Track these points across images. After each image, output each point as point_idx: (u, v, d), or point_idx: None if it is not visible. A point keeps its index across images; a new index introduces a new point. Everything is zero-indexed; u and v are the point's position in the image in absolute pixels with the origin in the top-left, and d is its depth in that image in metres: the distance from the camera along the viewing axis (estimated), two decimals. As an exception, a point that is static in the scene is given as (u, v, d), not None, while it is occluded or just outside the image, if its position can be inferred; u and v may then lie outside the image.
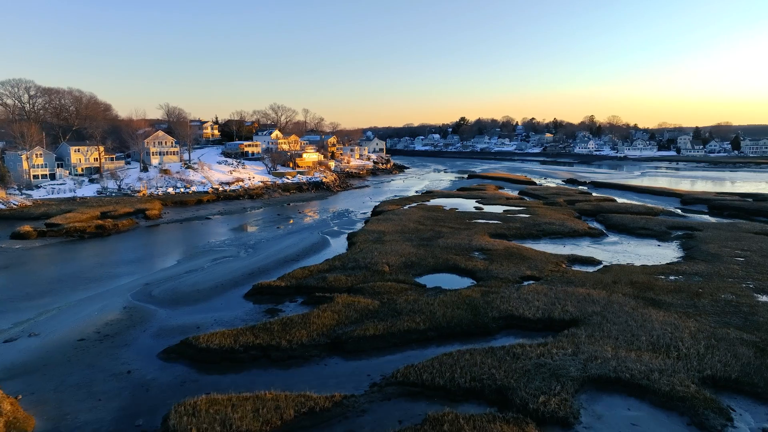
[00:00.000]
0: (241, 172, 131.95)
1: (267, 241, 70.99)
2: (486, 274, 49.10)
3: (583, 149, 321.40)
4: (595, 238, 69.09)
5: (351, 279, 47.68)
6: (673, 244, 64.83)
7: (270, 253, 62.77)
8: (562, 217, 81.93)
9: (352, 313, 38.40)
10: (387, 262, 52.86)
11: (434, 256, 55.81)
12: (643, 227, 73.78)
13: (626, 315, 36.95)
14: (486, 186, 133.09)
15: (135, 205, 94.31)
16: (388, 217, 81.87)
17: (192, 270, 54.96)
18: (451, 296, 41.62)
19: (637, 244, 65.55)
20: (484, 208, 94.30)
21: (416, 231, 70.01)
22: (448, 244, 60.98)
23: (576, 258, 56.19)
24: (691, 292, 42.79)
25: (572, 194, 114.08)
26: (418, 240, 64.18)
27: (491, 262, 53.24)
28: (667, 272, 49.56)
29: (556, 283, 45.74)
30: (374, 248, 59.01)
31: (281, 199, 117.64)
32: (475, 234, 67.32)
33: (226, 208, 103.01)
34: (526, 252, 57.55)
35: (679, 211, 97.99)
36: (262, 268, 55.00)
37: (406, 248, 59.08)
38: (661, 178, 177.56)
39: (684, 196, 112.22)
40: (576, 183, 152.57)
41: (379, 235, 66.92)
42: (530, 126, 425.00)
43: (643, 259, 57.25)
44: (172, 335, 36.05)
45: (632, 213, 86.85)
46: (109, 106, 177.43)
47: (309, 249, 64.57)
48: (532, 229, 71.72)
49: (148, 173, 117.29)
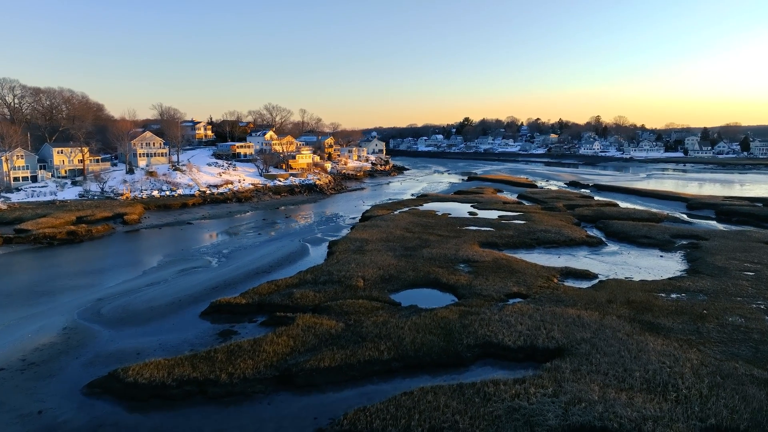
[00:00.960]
0: (231, 174, 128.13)
1: (244, 249, 66.96)
2: (468, 290, 44.76)
3: (589, 150, 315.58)
4: (593, 248, 64.54)
5: (320, 295, 43.53)
6: (676, 255, 60.19)
7: (243, 263, 58.70)
8: (560, 223, 77.36)
9: (311, 339, 34.22)
10: (363, 276, 48.67)
11: (415, 268, 51.52)
12: (645, 235, 69.13)
13: (619, 343, 32.52)
14: (484, 189, 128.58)
15: (115, 209, 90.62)
16: (376, 223, 77.65)
17: (154, 283, 50.98)
18: (425, 318, 37.34)
19: (637, 255, 60.96)
20: (478, 213, 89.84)
21: (402, 239, 65.75)
22: (433, 255, 56.69)
23: (570, 271, 51.71)
24: (694, 314, 38.28)
25: (573, 198, 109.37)
26: (401, 249, 59.93)
27: (476, 276, 48.88)
28: (669, 289, 45.02)
29: (544, 302, 41.35)
30: (353, 259, 54.83)
31: (271, 203, 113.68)
32: (463, 243, 62.96)
33: (211, 212, 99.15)
34: (516, 264, 53.13)
35: (685, 216, 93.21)
36: (229, 281, 50.92)
37: (387, 259, 54.85)
38: (668, 181, 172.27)
39: (690, 200, 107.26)
40: (578, 186, 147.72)
41: (361, 244, 62.73)
42: (535, 126, 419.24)
43: (644, 272, 52.70)
44: (106, 364, 31.99)
45: (634, 219, 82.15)
46: (102, 106, 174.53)
47: (285, 259, 60.44)
48: (526, 238, 67.25)
49: (134, 175, 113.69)
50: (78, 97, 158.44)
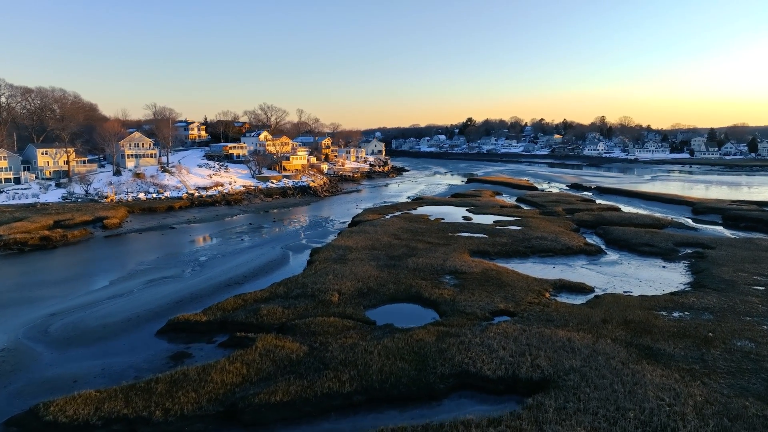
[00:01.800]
0: (223, 176, 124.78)
1: (223, 256, 63.50)
2: (451, 306, 41.06)
3: (593, 151, 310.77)
4: (591, 257, 60.66)
5: (288, 312, 39.97)
6: (680, 266, 56.23)
7: (216, 273, 55.22)
8: (557, 230, 73.48)
9: (268, 366, 30.63)
10: (339, 289, 45.08)
11: (397, 280, 47.86)
12: (648, 243, 65.17)
13: (613, 374, 28.76)
14: (482, 192, 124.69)
15: (96, 213, 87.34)
16: (364, 228, 74.01)
17: (117, 295, 47.54)
18: (398, 340, 33.69)
19: (638, 265, 57.05)
20: (473, 218, 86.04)
21: (388, 247, 62.10)
22: (419, 265, 52.99)
23: (564, 284, 47.86)
24: (698, 337, 34.42)
25: (573, 202, 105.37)
26: (386, 259, 56.27)
27: (462, 290, 45.16)
28: (671, 306, 41.16)
29: (532, 321, 37.60)
30: (332, 270, 51.25)
31: (261, 206, 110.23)
32: (453, 252, 59.25)
33: (198, 216, 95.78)
34: (507, 276, 49.36)
35: (690, 221, 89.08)
36: (196, 294, 47.42)
37: (368, 270, 51.20)
38: (673, 183, 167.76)
39: (696, 204, 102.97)
40: (580, 188, 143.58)
41: (344, 252, 59.14)
42: (539, 127, 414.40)
43: (644, 285, 48.82)
44: (35, 395, 28.52)
45: (636, 225, 78.16)
46: (95, 106, 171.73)
47: (262, 268, 56.90)
48: (520, 246, 63.44)
49: (121, 177, 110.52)
50: (70, 96, 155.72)
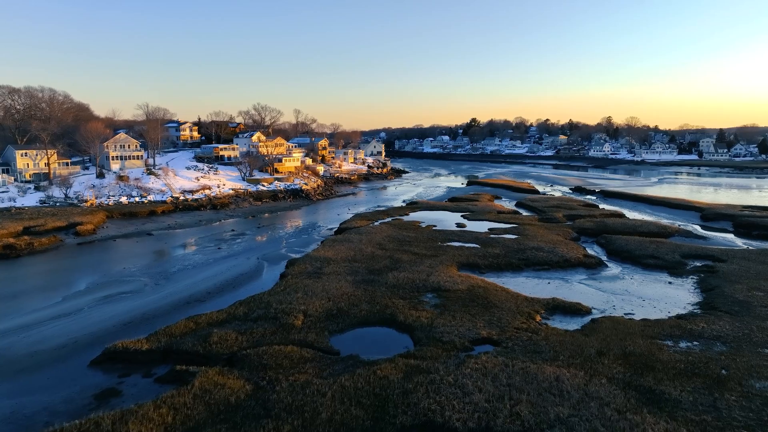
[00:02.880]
0: (211, 178, 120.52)
1: (193, 268, 59.06)
2: (428, 333, 36.31)
3: (598, 152, 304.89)
4: (590, 271, 55.70)
5: (243, 338, 35.37)
6: (688, 282, 51.16)
7: (179, 288, 50.72)
8: (555, 239, 68.52)
9: (200, 411, 26.01)
10: (305, 310, 40.45)
11: (372, 299, 43.16)
12: (653, 255, 60.13)
13: (607, 427, 23.93)
14: (481, 196, 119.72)
15: (72, 218, 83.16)
16: (348, 237, 69.34)
17: (62, 315, 43.09)
18: (359, 377, 28.99)
19: (642, 280, 52.03)
20: (467, 225, 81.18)
21: (370, 258, 57.41)
22: (399, 281, 48.27)
23: (558, 305, 42.95)
24: (710, 376, 29.50)
25: (575, 207, 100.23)
26: (365, 273, 51.57)
27: (442, 311, 40.39)
28: (677, 334, 36.21)
29: (517, 353, 32.79)
30: (303, 286, 46.64)
31: (249, 210, 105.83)
32: (439, 264, 54.47)
33: (180, 221, 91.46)
34: (495, 295, 44.52)
35: (699, 228, 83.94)
36: (150, 314, 42.92)
37: (343, 287, 46.52)
38: (681, 186, 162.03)
39: (705, 210, 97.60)
40: (584, 192, 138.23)
41: (321, 264, 54.51)
42: (544, 128, 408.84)
43: (647, 306, 43.85)
44: None
45: (641, 234, 73.06)
46: (86, 106, 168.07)
47: (230, 283, 52.35)
48: (514, 258, 58.55)
49: (104, 180, 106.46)
50: (60, 96, 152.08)
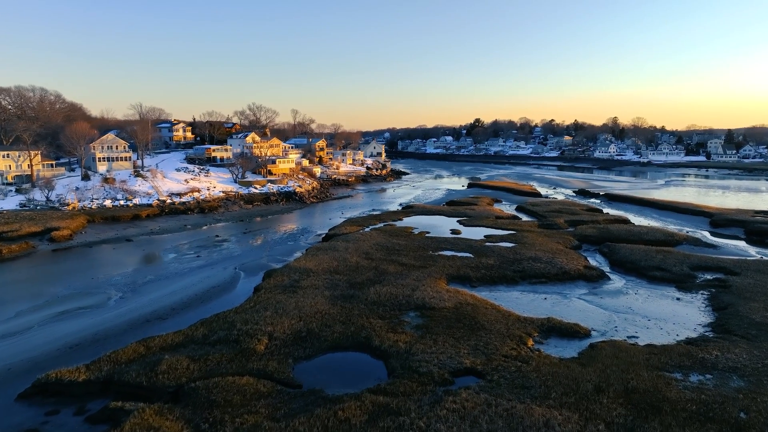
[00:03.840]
0: (202, 181, 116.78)
1: (165, 278, 55.22)
2: (404, 361, 32.19)
3: (604, 153, 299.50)
4: (591, 284, 51.38)
5: (195, 366, 31.37)
6: (698, 299, 46.77)
7: (144, 302, 46.86)
8: (555, 247, 64.21)
9: (120, 466, 22.04)
10: (272, 332, 36.44)
11: (348, 319, 39.08)
12: (659, 267, 55.73)
13: (603, 495, 19.74)
14: (480, 199, 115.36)
15: (49, 223, 79.55)
16: (335, 245, 65.29)
17: (7, 335, 39.22)
18: (317, 420, 24.95)
19: (647, 296, 47.69)
20: (462, 231, 76.93)
21: (354, 270, 53.34)
22: (381, 296, 44.17)
23: (553, 326, 38.70)
24: (727, 421, 25.19)
25: (578, 212, 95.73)
26: (345, 286, 47.50)
27: (424, 334, 36.25)
28: (687, 363, 31.89)
29: (503, 388, 28.60)
30: (275, 302, 42.67)
31: (238, 214, 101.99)
32: (427, 277, 50.31)
33: (164, 226, 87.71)
34: (484, 314, 40.33)
35: (708, 235, 79.42)
36: (102, 335, 39.02)
37: (318, 303, 42.48)
38: (688, 189, 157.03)
39: (714, 215, 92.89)
40: (587, 195, 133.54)
41: (299, 276, 50.50)
42: (549, 128, 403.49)
43: (653, 327, 39.55)
44: None
45: (647, 242, 68.65)
46: (79, 106, 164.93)
47: (199, 297, 48.41)
48: (508, 269, 54.30)
49: (89, 182, 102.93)
50: (50, 96, 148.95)
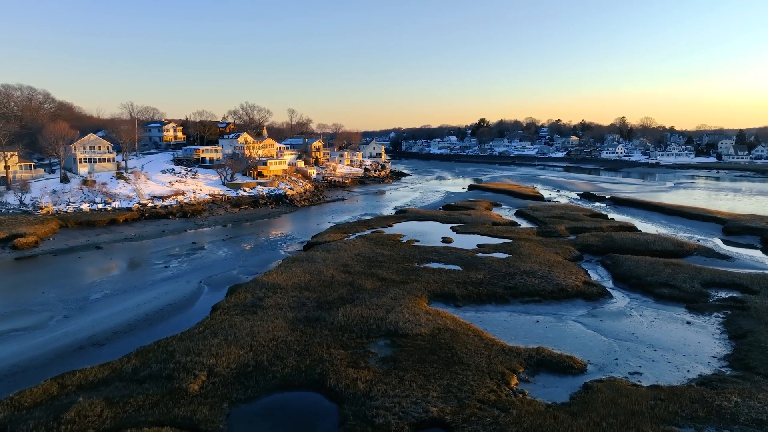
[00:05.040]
0: (188, 183, 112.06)
1: (121, 293, 50.35)
2: (359, 407, 26.95)
3: (611, 154, 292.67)
4: (591, 303, 45.89)
5: (110, 413, 26.32)
6: (711, 322, 41.20)
7: (88, 322, 41.95)
8: (553, 259, 58.74)
9: None
10: (213, 365, 31.34)
11: (305, 349, 33.90)
12: (667, 283, 50.15)
13: None
14: (478, 203, 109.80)
15: (16, 228, 74.95)
16: (312, 255, 60.16)
17: None
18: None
19: (653, 318, 42.17)
20: (454, 240, 71.56)
21: (327, 285, 48.16)
22: (350, 319, 38.97)
23: (544, 358, 33.28)
24: (751, 503, 19.84)
25: (580, 218, 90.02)
26: (312, 306, 42.34)
27: (389, 370, 30.98)
28: (701, 415, 26.41)
29: (473, 449, 23.34)
30: (227, 326, 37.61)
31: (223, 218, 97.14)
32: (406, 295, 45.04)
33: (140, 232, 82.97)
34: (463, 343, 35.01)
35: (720, 244, 73.66)
36: (24, 366, 34.01)
37: (276, 328, 37.33)
38: (698, 192, 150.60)
39: (727, 222, 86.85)
40: (592, 198, 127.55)
41: (265, 293, 45.40)
42: (555, 128, 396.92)
43: (660, 360, 34.05)
44: None
45: (654, 253, 63.03)
46: (69, 105, 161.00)
47: (150, 317, 43.39)
48: (499, 285, 48.89)
49: (68, 185, 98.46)
50: (39, 96, 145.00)
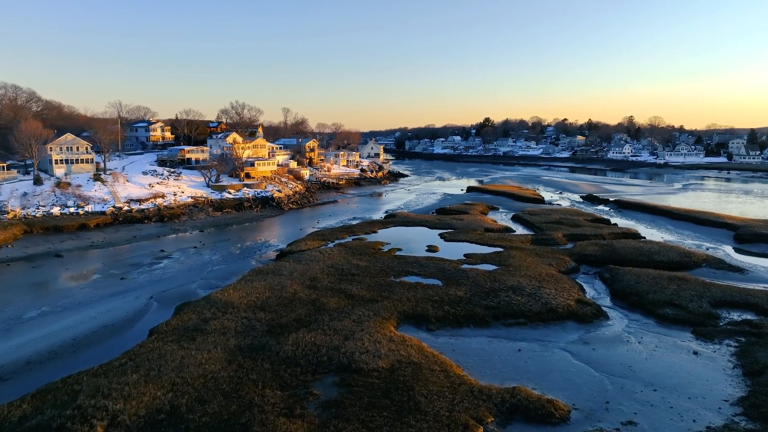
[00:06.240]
0: (169, 185, 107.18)
1: (61, 310, 45.30)
2: (277, 477, 21.56)
3: (618, 154, 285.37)
4: (583, 327, 40.19)
5: (-34, 483, 21.09)
6: (722, 352, 35.37)
7: (2, 351, 36.81)
8: (545, 271, 53.01)
9: None
10: (118, 412, 26.02)
11: (235, 389, 28.49)
12: (671, 302, 44.32)
13: None
14: (474, 207, 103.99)
15: (-26, 235, 70.41)
16: (281, 267, 54.80)
17: None
18: None
19: (654, 347, 36.41)
20: (440, 248, 65.98)
21: (286, 305, 42.78)
22: (300, 348, 33.55)
23: (519, 402, 27.63)
24: None
25: (580, 223, 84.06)
26: (262, 331, 36.96)
27: (329, 419, 25.51)
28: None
29: None
30: (156, 357, 32.36)
31: (202, 222, 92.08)
32: (373, 317, 39.57)
33: (109, 238, 78.02)
34: (427, 381, 29.47)
35: (732, 253, 67.68)
36: None
37: (210, 360, 31.97)
38: (708, 194, 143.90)
39: (739, 228, 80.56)
40: (595, 201, 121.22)
41: (213, 314, 40.13)
42: (561, 128, 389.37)
43: (660, 403, 28.31)
44: None
45: (658, 264, 57.14)
46: (58, 104, 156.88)
47: (77, 343, 38.14)
48: (480, 305, 43.25)
49: (39, 187, 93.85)
50: (23, 95, 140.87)
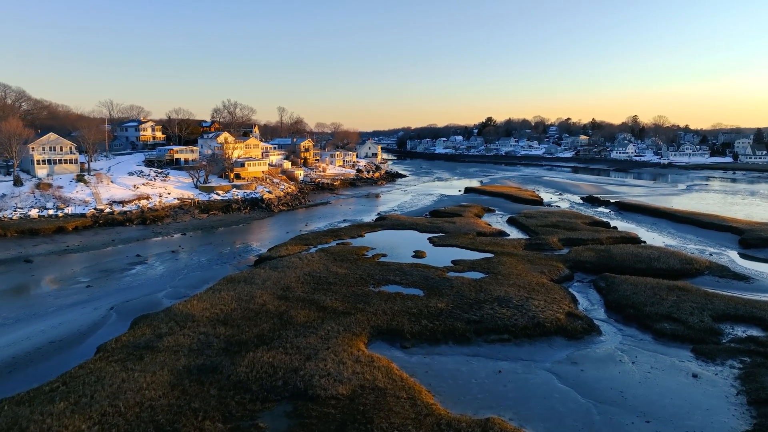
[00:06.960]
0: (155, 186, 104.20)
1: (12, 323, 42.25)
2: None
3: (621, 154, 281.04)
4: (572, 344, 36.80)
5: None
6: (724, 375, 31.90)
7: (-64, 369, 33.78)
8: (535, 280, 49.59)
9: None
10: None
11: (172, 422, 25.22)
12: (670, 315, 40.86)
13: None
14: (469, 209, 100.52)
15: (-57, 239, 67.54)
16: (254, 275, 51.58)
17: None
18: None
19: (649, 369, 32.96)
20: (427, 254, 62.63)
21: (251, 318, 39.54)
22: (254, 370, 30.31)
23: (491, 440, 24.37)
24: None
25: (578, 226, 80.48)
26: (218, 349, 33.73)
27: (268, 461, 22.30)
28: None
29: None
30: (93, 380, 29.22)
31: (186, 225, 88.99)
32: (343, 332, 36.30)
33: (86, 242, 75.01)
34: (390, 411, 26.15)
35: (737, 259, 64.14)
36: None
37: (153, 384, 28.74)
38: (712, 195, 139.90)
39: (744, 231, 76.82)
40: (596, 203, 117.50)
41: (169, 329, 36.99)
42: (564, 127, 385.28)
43: (653, 442, 24.95)
44: None
45: (657, 272, 53.63)
46: (48, 103, 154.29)
47: (15, 362, 34.95)
48: (461, 318, 39.88)
49: (20, 188, 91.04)
50: (11, 93, 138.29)
